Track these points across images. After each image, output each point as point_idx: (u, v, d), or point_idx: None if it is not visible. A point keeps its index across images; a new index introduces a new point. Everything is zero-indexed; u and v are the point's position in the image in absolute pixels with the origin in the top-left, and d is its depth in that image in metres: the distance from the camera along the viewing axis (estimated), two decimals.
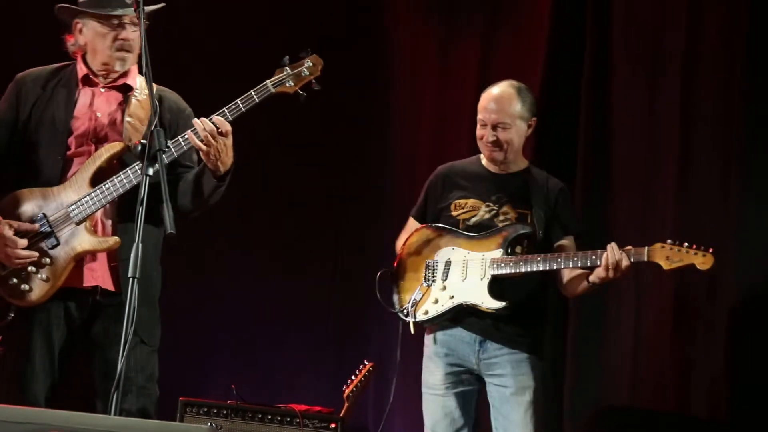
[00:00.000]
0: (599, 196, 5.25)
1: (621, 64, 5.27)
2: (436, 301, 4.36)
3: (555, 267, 4.20)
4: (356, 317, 6.14)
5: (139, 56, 3.76)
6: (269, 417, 4.99)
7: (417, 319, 4.38)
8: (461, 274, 4.34)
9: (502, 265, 4.27)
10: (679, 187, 5.02)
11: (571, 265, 4.19)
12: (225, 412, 4.98)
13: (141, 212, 3.25)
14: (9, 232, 3.67)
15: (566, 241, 4.37)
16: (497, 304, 4.25)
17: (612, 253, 4.07)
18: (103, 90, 3.86)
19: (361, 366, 5.21)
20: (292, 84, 3.76)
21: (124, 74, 3.87)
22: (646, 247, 4.06)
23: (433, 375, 4.41)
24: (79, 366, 3.81)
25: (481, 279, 4.30)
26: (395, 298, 4.48)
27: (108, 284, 3.73)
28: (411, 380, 4.60)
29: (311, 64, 3.79)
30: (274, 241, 6.26)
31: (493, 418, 4.36)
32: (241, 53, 5.91)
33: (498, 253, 4.30)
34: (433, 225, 4.48)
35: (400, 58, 6.32)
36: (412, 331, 4.39)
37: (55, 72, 3.93)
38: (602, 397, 5.14)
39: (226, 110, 3.67)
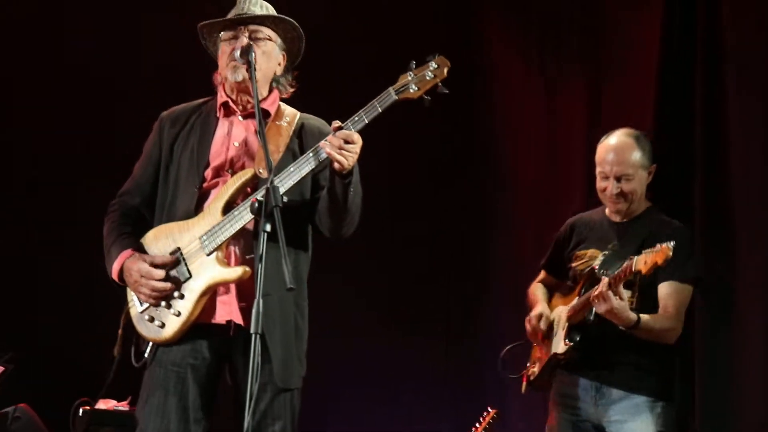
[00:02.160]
0: (718, 238, 5.12)
1: (735, 101, 5.16)
2: (540, 360, 4.45)
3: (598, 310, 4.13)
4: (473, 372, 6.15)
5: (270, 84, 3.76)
6: None
7: (530, 380, 4.50)
8: (557, 330, 4.40)
9: (571, 310, 4.31)
10: None
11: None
12: None
13: (261, 269, 3.20)
14: (144, 266, 3.62)
15: (663, 288, 4.25)
16: (563, 348, 4.26)
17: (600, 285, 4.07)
18: (241, 119, 3.79)
19: (485, 413, 5.15)
20: (416, 89, 3.52)
21: (262, 101, 3.75)
22: (634, 258, 4.00)
23: (554, 422, 4.39)
24: (218, 402, 3.72)
25: (562, 329, 4.34)
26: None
27: (240, 319, 3.60)
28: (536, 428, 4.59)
29: (436, 66, 3.55)
30: (385, 298, 6.29)
31: None
32: (344, 83, 5.93)
33: (576, 300, 4.32)
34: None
35: (505, 95, 6.32)
36: (523, 391, 4.51)
37: (198, 106, 3.89)
38: None
39: (349, 123, 3.52)
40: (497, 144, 6.40)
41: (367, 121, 3.51)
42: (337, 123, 3.54)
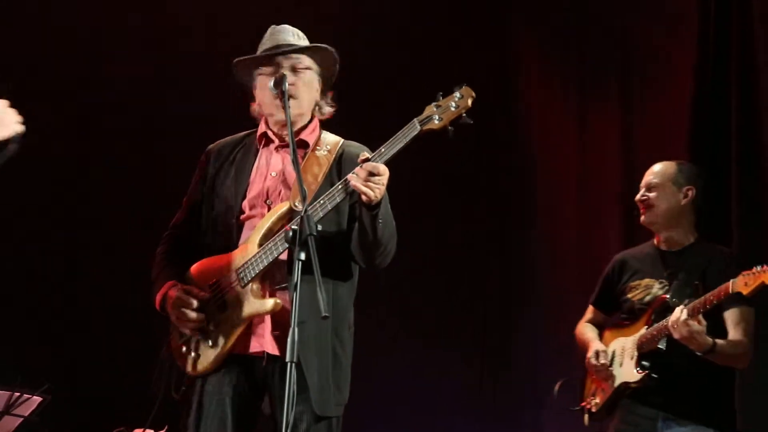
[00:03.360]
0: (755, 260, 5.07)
1: None
2: (603, 391, 4.46)
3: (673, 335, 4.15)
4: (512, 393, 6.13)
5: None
6: None
7: (593, 411, 4.52)
8: (620, 360, 4.41)
9: (643, 338, 4.32)
10: None
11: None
12: None
13: (296, 298, 3.18)
14: (182, 296, 3.64)
15: (734, 313, 4.27)
16: (637, 376, 4.28)
17: (675, 312, 4.09)
18: (279, 149, 3.80)
19: None
20: (440, 120, 3.50)
21: (300, 131, 3.79)
22: (731, 281, 4.03)
23: None
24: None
25: (632, 358, 4.34)
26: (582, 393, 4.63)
27: (274, 349, 3.61)
28: None
29: (460, 97, 3.53)
30: (422, 316, 6.29)
31: None
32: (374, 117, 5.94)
33: (644, 329, 4.34)
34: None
35: (537, 122, 6.33)
36: (586, 423, 4.53)
37: (242, 138, 3.91)
38: None
39: (375, 156, 3.50)
40: (532, 169, 6.39)
41: (392, 153, 3.50)
42: (364, 155, 3.53)
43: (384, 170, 3.48)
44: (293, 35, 3.84)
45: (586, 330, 4.73)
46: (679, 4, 5.67)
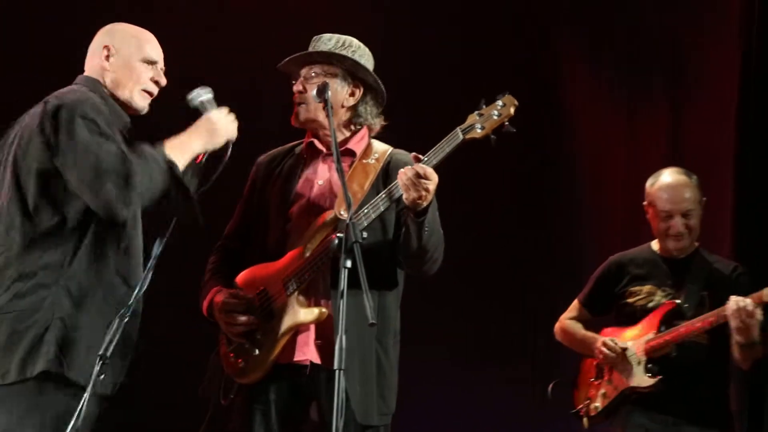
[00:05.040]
0: None
1: None
2: (604, 395, 4.43)
3: (695, 329, 4.22)
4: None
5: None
6: None
7: (590, 415, 4.49)
8: (625, 364, 4.37)
9: (654, 343, 4.31)
10: None
11: (708, 326, 4.20)
12: None
13: (342, 305, 3.18)
14: (228, 301, 3.67)
15: None
16: (650, 381, 4.27)
17: (734, 301, 4.08)
18: (326, 158, 3.81)
19: None
20: (482, 129, 3.49)
21: (347, 140, 3.80)
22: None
23: None
24: None
25: (638, 363, 4.33)
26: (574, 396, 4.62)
27: (318, 358, 3.62)
28: None
29: (503, 105, 3.52)
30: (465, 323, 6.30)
31: None
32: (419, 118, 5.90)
33: (652, 334, 4.33)
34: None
35: (583, 124, 6.31)
36: (585, 426, 4.51)
37: (291, 148, 3.94)
38: None
39: (423, 162, 3.48)
40: (579, 169, 6.36)
41: (435, 162, 3.49)
42: (417, 155, 3.54)
43: (432, 175, 3.46)
44: (326, 43, 3.81)
45: (576, 327, 4.68)
46: (723, 1, 5.63)
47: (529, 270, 6.33)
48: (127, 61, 3.63)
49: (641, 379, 4.31)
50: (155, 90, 3.69)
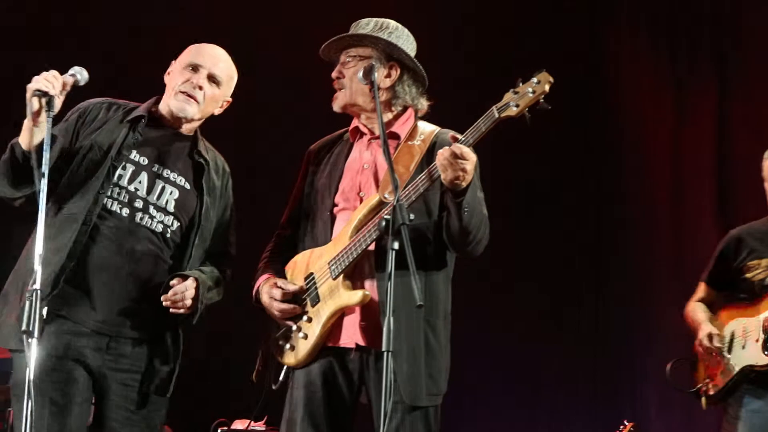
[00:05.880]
0: None
1: None
2: (723, 373, 4.34)
3: None
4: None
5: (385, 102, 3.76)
6: None
7: (710, 394, 4.41)
8: (741, 341, 4.30)
9: None
10: None
11: None
12: None
13: (390, 287, 3.19)
14: (273, 289, 3.72)
15: None
16: (766, 359, 4.18)
17: None
18: (372, 141, 3.82)
19: (622, 426, 5.07)
20: (517, 106, 3.44)
21: (390, 122, 3.79)
22: None
23: None
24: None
25: (757, 340, 4.23)
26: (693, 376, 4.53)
27: (363, 341, 3.62)
28: None
29: (537, 82, 3.45)
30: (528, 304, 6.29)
31: None
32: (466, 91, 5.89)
33: None
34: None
35: (632, 104, 6.27)
36: (704, 406, 4.45)
37: (340, 135, 3.95)
38: None
39: (461, 142, 3.46)
40: (627, 150, 6.34)
41: (472, 141, 3.47)
42: (455, 135, 3.55)
43: (469, 154, 3.44)
44: (364, 27, 3.81)
45: (697, 310, 4.61)
46: None
47: (586, 243, 6.32)
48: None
49: (758, 356, 4.24)
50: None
